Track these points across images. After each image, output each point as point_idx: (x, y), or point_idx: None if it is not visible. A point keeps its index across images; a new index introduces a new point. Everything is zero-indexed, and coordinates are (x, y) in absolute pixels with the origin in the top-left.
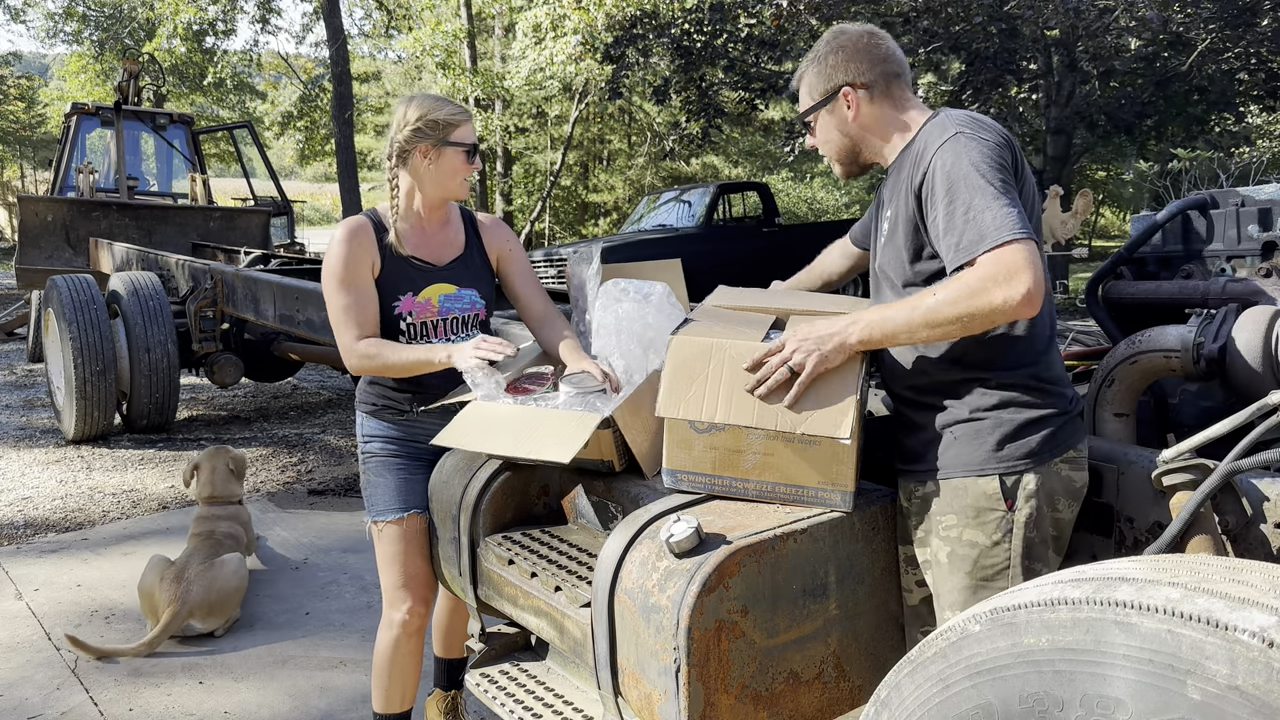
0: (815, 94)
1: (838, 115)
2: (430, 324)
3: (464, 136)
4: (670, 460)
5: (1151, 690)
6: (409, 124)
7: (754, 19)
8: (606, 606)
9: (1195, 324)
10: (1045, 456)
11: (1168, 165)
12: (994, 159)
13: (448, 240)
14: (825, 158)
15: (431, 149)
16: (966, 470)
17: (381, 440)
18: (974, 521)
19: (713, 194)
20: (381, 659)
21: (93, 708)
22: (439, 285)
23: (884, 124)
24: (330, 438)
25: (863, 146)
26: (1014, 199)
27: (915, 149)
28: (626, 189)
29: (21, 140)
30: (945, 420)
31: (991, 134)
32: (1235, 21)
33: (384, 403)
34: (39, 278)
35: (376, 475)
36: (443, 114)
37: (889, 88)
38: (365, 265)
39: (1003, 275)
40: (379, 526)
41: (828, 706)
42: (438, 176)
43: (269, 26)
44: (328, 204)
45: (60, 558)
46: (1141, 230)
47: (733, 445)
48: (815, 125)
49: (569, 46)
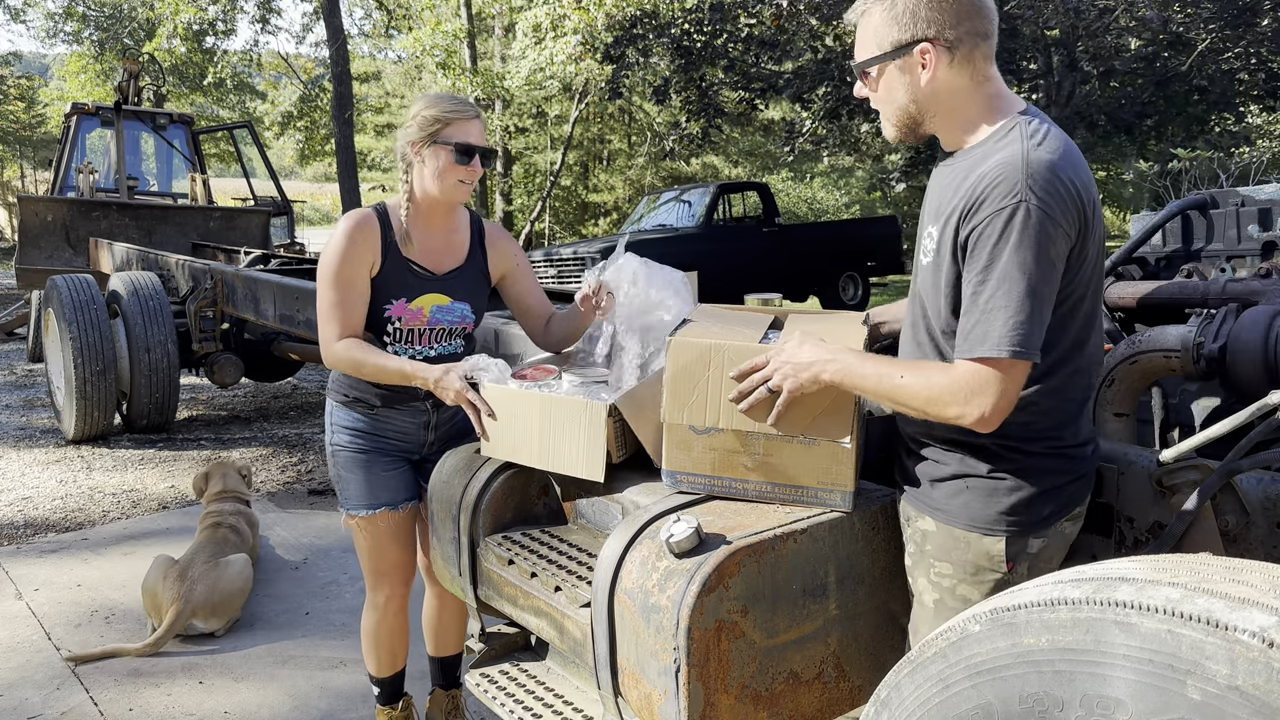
0: (883, 41)
1: (909, 74)
2: (417, 331)
3: (456, 134)
4: (670, 461)
5: (1151, 690)
6: (410, 120)
7: (754, 19)
8: (606, 606)
9: (1195, 324)
10: (1054, 519)
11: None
12: (1050, 252)
13: (451, 248)
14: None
15: (423, 146)
16: (972, 524)
17: (350, 433)
18: (971, 578)
19: (713, 194)
20: (369, 636)
21: (93, 708)
22: (434, 295)
23: (958, 98)
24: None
25: (927, 117)
26: (1042, 306)
27: (977, 172)
28: (626, 189)
29: (21, 140)
30: (959, 469)
31: (1061, 208)
32: (1235, 21)
33: (355, 394)
34: (39, 278)
35: (345, 470)
36: (437, 109)
37: (973, 52)
38: (364, 263)
39: (965, 393)
40: (353, 520)
41: (828, 706)
42: (428, 176)
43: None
44: (328, 204)
45: (60, 558)
46: (1141, 230)
47: (732, 446)
48: (875, 78)
49: (569, 46)
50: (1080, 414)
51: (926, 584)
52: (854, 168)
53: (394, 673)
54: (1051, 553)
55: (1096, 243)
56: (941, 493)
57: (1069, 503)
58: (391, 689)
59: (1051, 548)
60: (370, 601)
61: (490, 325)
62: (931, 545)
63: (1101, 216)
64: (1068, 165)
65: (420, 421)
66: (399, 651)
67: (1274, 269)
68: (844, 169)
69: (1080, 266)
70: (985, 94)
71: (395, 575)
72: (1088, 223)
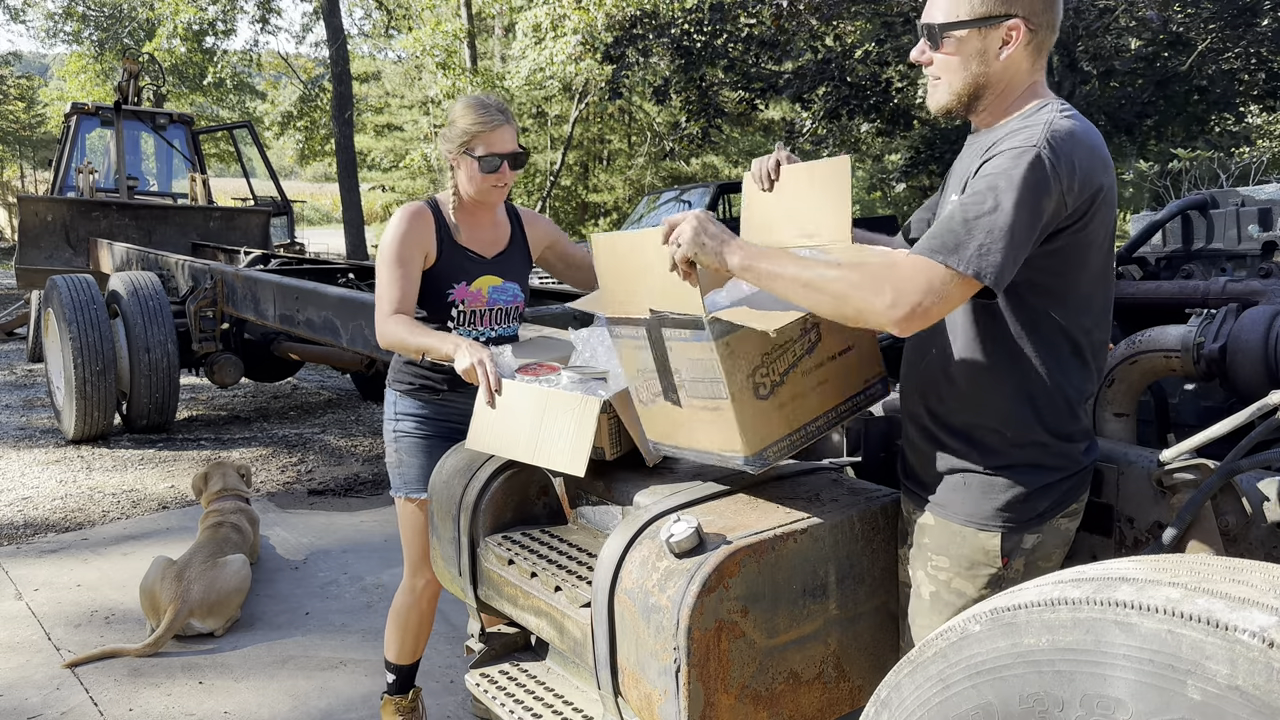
0: (975, 8)
1: (989, 45)
2: (479, 313)
3: (484, 146)
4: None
5: (1152, 690)
6: (447, 127)
7: (754, 19)
8: (606, 606)
9: (1195, 324)
10: (1049, 515)
11: (1168, 165)
12: (1043, 203)
13: (496, 235)
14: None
15: (458, 156)
16: (969, 519)
17: (415, 420)
18: (966, 572)
19: (713, 194)
20: (399, 617)
21: (93, 708)
22: (488, 277)
23: (1016, 79)
24: (330, 438)
25: (988, 92)
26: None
27: (997, 132)
28: (626, 189)
29: (21, 140)
30: (958, 464)
31: (1068, 169)
32: (1235, 21)
33: (421, 382)
34: (39, 278)
35: (409, 455)
36: (466, 122)
37: (1045, 41)
38: (418, 248)
39: (906, 284)
40: (414, 503)
41: (828, 706)
42: (464, 181)
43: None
44: (328, 204)
45: (60, 558)
46: (1141, 230)
47: (665, 415)
48: (947, 42)
49: (569, 46)
50: (1078, 409)
51: (924, 576)
52: (854, 168)
53: (413, 661)
54: (1049, 549)
55: (1105, 229)
56: (939, 487)
57: (1065, 499)
58: (406, 677)
59: (1048, 543)
60: (408, 585)
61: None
62: (929, 539)
63: (1115, 209)
64: (1087, 141)
65: None
66: (422, 640)
67: (1274, 269)
68: None
69: (1085, 250)
70: (1034, 80)
71: None
72: (1094, 203)
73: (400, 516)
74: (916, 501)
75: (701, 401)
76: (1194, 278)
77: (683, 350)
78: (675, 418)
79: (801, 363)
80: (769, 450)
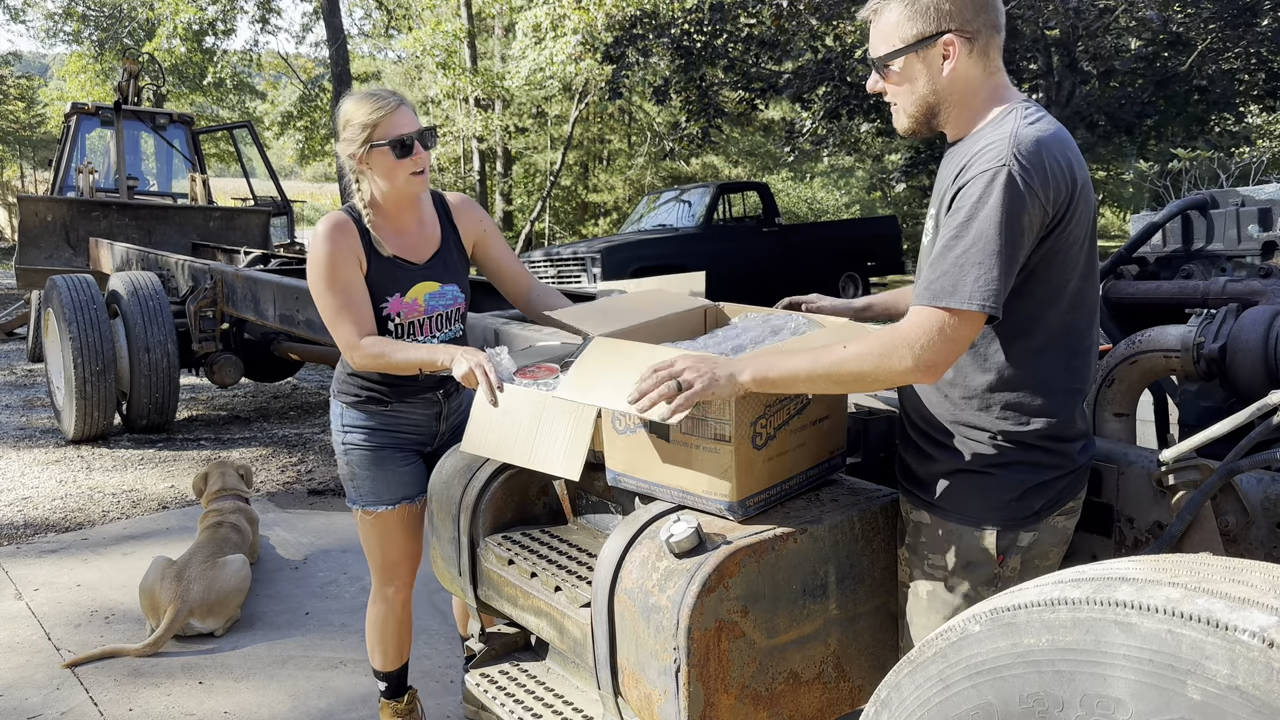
0: (906, 33)
1: (930, 65)
2: (417, 323)
3: (389, 130)
4: (609, 460)
5: (1152, 690)
6: (342, 133)
7: (754, 19)
8: (606, 606)
9: (1195, 324)
10: (1044, 513)
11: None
12: (1023, 219)
13: (425, 237)
14: (893, 107)
15: (364, 155)
16: (965, 518)
17: (364, 431)
18: (963, 571)
19: (713, 194)
20: (375, 628)
21: (92, 708)
22: (424, 284)
23: (970, 88)
24: (330, 438)
25: (943, 108)
26: (1010, 268)
27: (970, 145)
28: (626, 189)
29: (21, 140)
30: (954, 464)
31: (1041, 179)
32: (1235, 21)
33: (368, 394)
34: (39, 278)
35: (361, 468)
36: (362, 115)
37: (989, 44)
38: (353, 262)
39: (922, 338)
40: (370, 515)
41: (828, 706)
42: (380, 180)
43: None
44: (328, 204)
45: (60, 558)
46: (1141, 230)
47: (643, 447)
48: (893, 70)
49: (569, 46)
50: (1073, 406)
51: (921, 576)
52: (854, 168)
53: (400, 665)
54: (1045, 546)
55: (1085, 225)
56: (935, 487)
57: (1060, 498)
58: (398, 683)
59: (1045, 541)
60: (377, 594)
61: (490, 325)
62: (926, 538)
63: (1093, 201)
64: (1054, 143)
65: (432, 413)
66: (405, 644)
67: (1274, 269)
68: (844, 169)
69: (1068, 249)
70: (994, 85)
71: (405, 566)
72: (1072, 201)
73: (360, 529)
74: (913, 501)
75: (699, 439)
76: (1194, 278)
77: None
78: (657, 452)
79: (792, 421)
80: (751, 500)
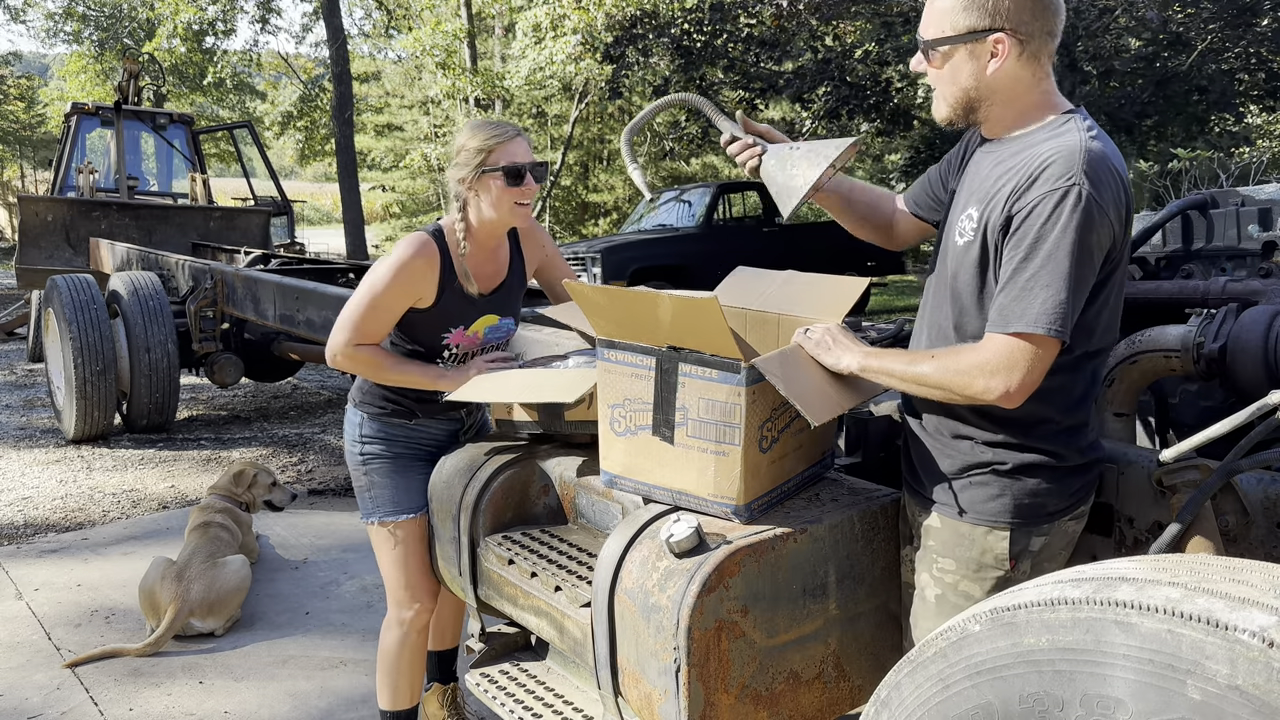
0: (959, 23)
1: (977, 59)
2: (471, 353)
3: (502, 158)
4: (603, 462)
5: (1151, 690)
6: (455, 157)
7: (754, 19)
8: (606, 606)
9: (1195, 324)
10: (1058, 516)
11: (1168, 165)
12: (1094, 241)
13: (497, 265)
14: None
15: (474, 179)
16: (978, 519)
17: (384, 442)
18: (973, 575)
19: (713, 194)
20: (389, 658)
21: (93, 708)
22: (486, 318)
23: (1016, 91)
24: (330, 438)
25: (984, 104)
26: (1080, 290)
27: (1029, 154)
28: (626, 189)
29: (21, 140)
30: (966, 463)
31: (1111, 198)
32: (1235, 21)
33: (394, 407)
34: (39, 278)
35: (382, 477)
36: (479, 140)
37: (1040, 50)
38: (410, 297)
39: (996, 366)
40: (388, 528)
41: (828, 706)
42: (485, 206)
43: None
44: (328, 204)
45: (60, 558)
46: (1141, 230)
47: (643, 449)
48: (939, 57)
49: (569, 46)
50: (1088, 410)
51: (929, 579)
52: (854, 168)
53: (412, 706)
54: (1054, 551)
55: (1126, 244)
56: (948, 487)
57: (1074, 501)
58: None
59: (1054, 546)
60: (394, 618)
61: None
62: (935, 540)
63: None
64: (1117, 162)
65: (453, 430)
66: (417, 681)
67: (1274, 269)
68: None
69: (1117, 266)
70: (1042, 89)
71: (424, 585)
72: (1126, 221)
73: (376, 544)
74: (921, 503)
75: (704, 443)
76: (1194, 278)
77: (700, 389)
78: (659, 454)
79: (793, 424)
80: (756, 502)
